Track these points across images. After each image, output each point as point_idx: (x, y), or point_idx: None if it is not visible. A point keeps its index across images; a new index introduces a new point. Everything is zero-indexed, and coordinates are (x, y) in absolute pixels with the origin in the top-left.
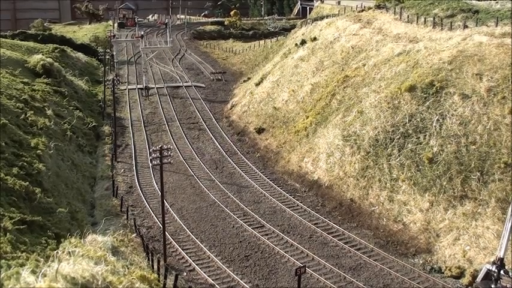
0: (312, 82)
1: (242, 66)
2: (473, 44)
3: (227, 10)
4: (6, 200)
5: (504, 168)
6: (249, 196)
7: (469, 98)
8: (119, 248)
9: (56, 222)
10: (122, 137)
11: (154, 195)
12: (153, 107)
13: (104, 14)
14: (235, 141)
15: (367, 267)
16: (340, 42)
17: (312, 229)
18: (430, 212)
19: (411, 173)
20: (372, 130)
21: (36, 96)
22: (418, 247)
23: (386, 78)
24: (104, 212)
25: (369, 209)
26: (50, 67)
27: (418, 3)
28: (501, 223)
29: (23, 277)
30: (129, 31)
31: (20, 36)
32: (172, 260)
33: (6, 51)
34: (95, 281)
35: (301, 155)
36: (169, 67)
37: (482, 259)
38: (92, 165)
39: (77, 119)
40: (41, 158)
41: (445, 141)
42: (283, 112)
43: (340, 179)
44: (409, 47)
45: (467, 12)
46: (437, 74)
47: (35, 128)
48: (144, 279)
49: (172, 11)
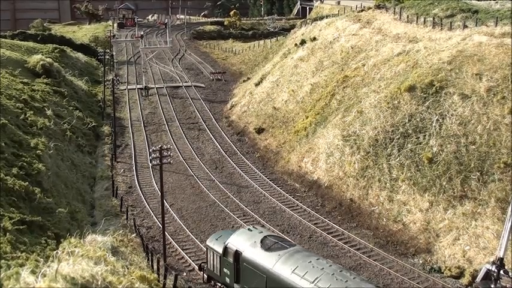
0: (311, 82)
1: (242, 66)
2: (473, 44)
3: (227, 10)
4: (6, 200)
5: (504, 168)
6: (248, 196)
7: (468, 98)
8: (119, 248)
9: (55, 222)
10: (122, 137)
11: (154, 195)
12: (152, 107)
13: (104, 14)
14: (234, 141)
15: (367, 267)
16: (340, 42)
17: (312, 229)
18: (430, 212)
19: (411, 173)
20: (371, 130)
21: (36, 97)
22: (418, 247)
23: (386, 78)
24: (103, 212)
25: (369, 209)
26: (50, 67)
27: (418, 3)
28: (501, 223)
29: (23, 277)
30: (128, 31)
31: (19, 36)
32: (172, 260)
33: (5, 52)
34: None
35: (300, 155)
36: (169, 67)
37: (482, 259)
38: (92, 165)
39: (77, 119)
40: (40, 158)
41: (444, 141)
42: (282, 112)
43: (340, 179)
44: (408, 47)
45: (467, 12)
46: (437, 74)
47: (35, 128)
48: (143, 279)
49: (172, 11)
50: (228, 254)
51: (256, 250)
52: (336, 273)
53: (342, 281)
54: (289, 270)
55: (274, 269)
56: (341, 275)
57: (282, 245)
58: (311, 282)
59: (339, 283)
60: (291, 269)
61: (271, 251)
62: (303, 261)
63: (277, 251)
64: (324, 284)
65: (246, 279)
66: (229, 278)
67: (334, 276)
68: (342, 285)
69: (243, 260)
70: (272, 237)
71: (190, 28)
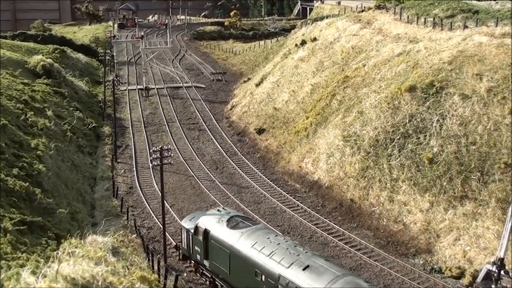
0: (312, 82)
1: (242, 66)
2: (473, 44)
3: (227, 10)
4: (7, 200)
5: (504, 169)
6: (249, 196)
7: (469, 98)
8: (119, 248)
9: (56, 222)
10: (122, 138)
11: (154, 196)
12: (153, 108)
13: (104, 14)
14: (235, 141)
15: (368, 268)
16: (340, 43)
17: (312, 229)
18: (430, 212)
19: (411, 174)
20: (372, 130)
21: (36, 97)
22: (419, 247)
23: (386, 79)
24: (104, 212)
25: (369, 210)
26: (50, 68)
27: (418, 3)
28: (501, 223)
29: (23, 278)
30: (129, 32)
31: (20, 37)
32: (173, 261)
33: (6, 52)
34: (95, 281)
35: (301, 156)
36: (170, 68)
37: (482, 259)
38: (92, 165)
39: (77, 120)
40: (41, 159)
41: (445, 142)
42: (283, 112)
43: (341, 180)
44: (409, 47)
45: (467, 12)
46: (438, 74)
47: (35, 129)
48: (144, 279)
49: (173, 12)
50: (198, 232)
51: (222, 228)
52: (290, 248)
53: (294, 255)
54: (249, 245)
55: (236, 245)
56: (294, 250)
57: (246, 223)
58: (267, 256)
59: (291, 256)
60: (250, 244)
61: (235, 228)
62: (262, 238)
63: (240, 229)
64: (278, 257)
65: (213, 256)
66: (199, 255)
67: (288, 251)
68: (293, 258)
69: (211, 238)
70: (238, 217)
71: (191, 28)
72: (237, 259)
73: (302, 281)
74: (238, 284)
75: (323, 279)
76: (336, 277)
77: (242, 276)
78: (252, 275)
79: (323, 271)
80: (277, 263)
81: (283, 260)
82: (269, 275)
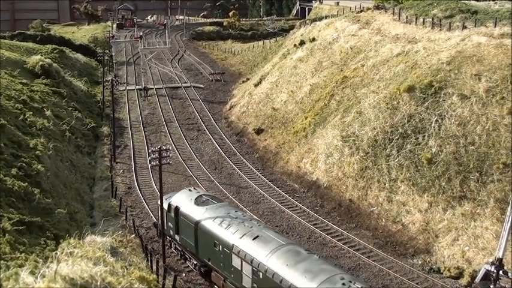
0: (310, 83)
1: (241, 67)
2: (472, 44)
3: (226, 11)
4: (5, 200)
5: (503, 169)
6: (248, 197)
7: (467, 99)
8: (118, 248)
9: (54, 223)
10: (121, 138)
11: (153, 196)
12: (152, 108)
13: (103, 14)
14: (234, 141)
15: (366, 268)
16: (339, 43)
17: (311, 229)
18: (429, 212)
19: (410, 174)
20: (370, 131)
21: (35, 97)
22: (417, 247)
23: (385, 79)
24: (102, 212)
25: (368, 210)
26: (49, 68)
27: (417, 3)
28: (500, 223)
29: (22, 278)
30: (128, 32)
31: (19, 37)
32: (171, 261)
33: (5, 52)
34: (94, 281)
35: (300, 156)
36: (168, 68)
37: (481, 259)
38: (91, 165)
39: (76, 120)
40: (39, 159)
41: (443, 142)
42: (282, 113)
43: (339, 180)
44: (407, 48)
45: (466, 12)
46: (436, 74)
47: (34, 129)
48: (143, 279)
49: (171, 12)
50: (171, 209)
51: (190, 205)
52: (246, 222)
53: (247, 227)
54: (211, 219)
55: (200, 220)
56: (249, 223)
57: (211, 201)
58: (224, 228)
59: (245, 228)
60: (212, 219)
61: (201, 205)
62: (223, 213)
63: (205, 206)
64: (234, 229)
65: (183, 230)
66: (172, 230)
67: (243, 224)
68: (246, 230)
69: (180, 214)
70: (206, 196)
71: (190, 29)
72: (201, 232)
73: (250, 249)
74: (202, 255)
75: (268, 247)
76: (280, 245)
77: (204, 248)
78: (212, 246)
79: (270, 240)
80: (232, 234)
81: (238, 232)
82: (225, 245)
